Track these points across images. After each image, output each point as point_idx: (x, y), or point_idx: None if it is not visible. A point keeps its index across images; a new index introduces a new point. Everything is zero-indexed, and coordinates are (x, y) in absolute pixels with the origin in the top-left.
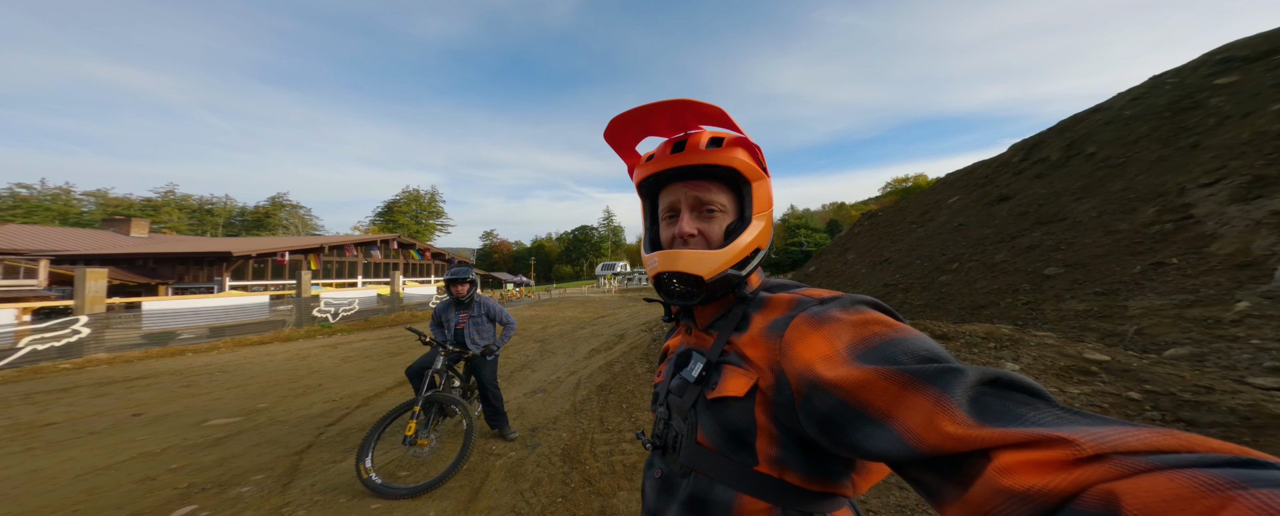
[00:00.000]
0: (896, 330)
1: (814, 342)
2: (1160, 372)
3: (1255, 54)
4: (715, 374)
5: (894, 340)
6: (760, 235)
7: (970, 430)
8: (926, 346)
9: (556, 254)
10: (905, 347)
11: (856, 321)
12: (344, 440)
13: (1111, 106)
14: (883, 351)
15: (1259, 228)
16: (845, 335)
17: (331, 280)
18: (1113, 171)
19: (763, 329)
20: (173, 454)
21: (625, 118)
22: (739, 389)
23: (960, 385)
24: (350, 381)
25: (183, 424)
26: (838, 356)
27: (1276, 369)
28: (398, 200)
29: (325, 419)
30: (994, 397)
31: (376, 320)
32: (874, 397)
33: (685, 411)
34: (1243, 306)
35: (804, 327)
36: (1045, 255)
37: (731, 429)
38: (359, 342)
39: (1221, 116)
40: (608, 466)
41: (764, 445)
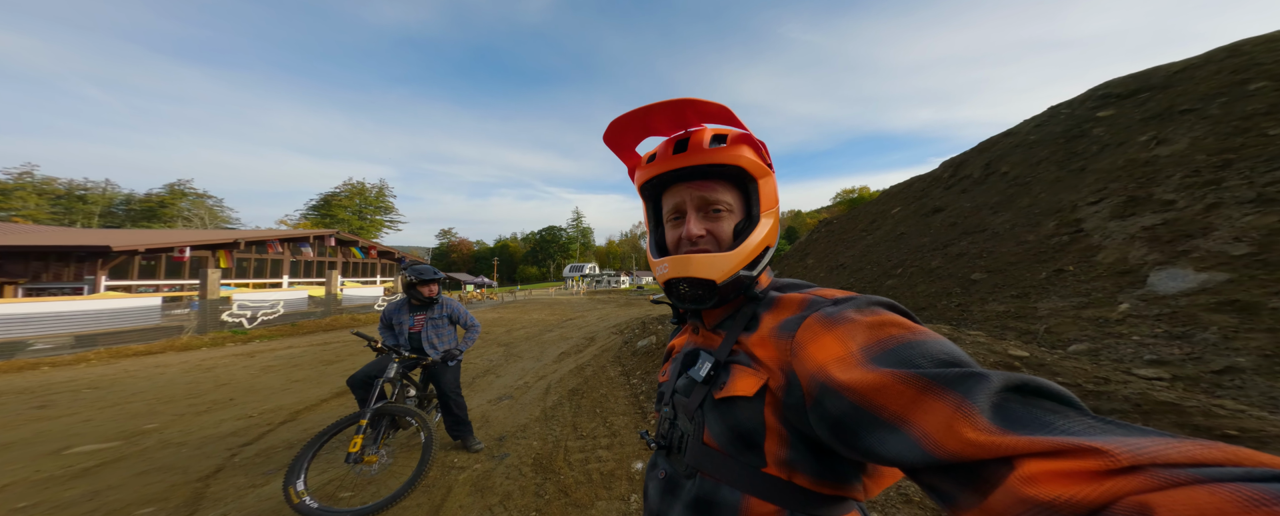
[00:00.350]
0: (913, 332)
1: (827, 343)
2: (1068, 366)
3: (1127, 91)
4: (723, 373)
5: (911, 342)
6: (769, 233)
7: (993, 437)
8: (946, 349)
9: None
10: (923, 350)
11: (872, 322)
12: (265, 461)
13: (1019, 131)
14: (899, 354)
15: (1134, 240)
16: (860, 336)
17: (249, 280)
18: (1021, 189)
19: (773, 329)
20: (18, 490)
21: (625, 119)
22: (748, 389)
23: (983, 390)
24: (272, 394)
25: (34, 453)
26: (851, 358)
27: (1155, 361)
28: (338, 193)
29: (239, 438)
30: (1020, 404)
31: (307, 325)
32: (889, 401)
33: (692, 411)
34: (1124, 308)
35: (816, 328)
36: (971, 262)
37: (739, 429)
38: (284, 350)
39: (1102, 144)
40: (584, 475)
41: (773, 446)
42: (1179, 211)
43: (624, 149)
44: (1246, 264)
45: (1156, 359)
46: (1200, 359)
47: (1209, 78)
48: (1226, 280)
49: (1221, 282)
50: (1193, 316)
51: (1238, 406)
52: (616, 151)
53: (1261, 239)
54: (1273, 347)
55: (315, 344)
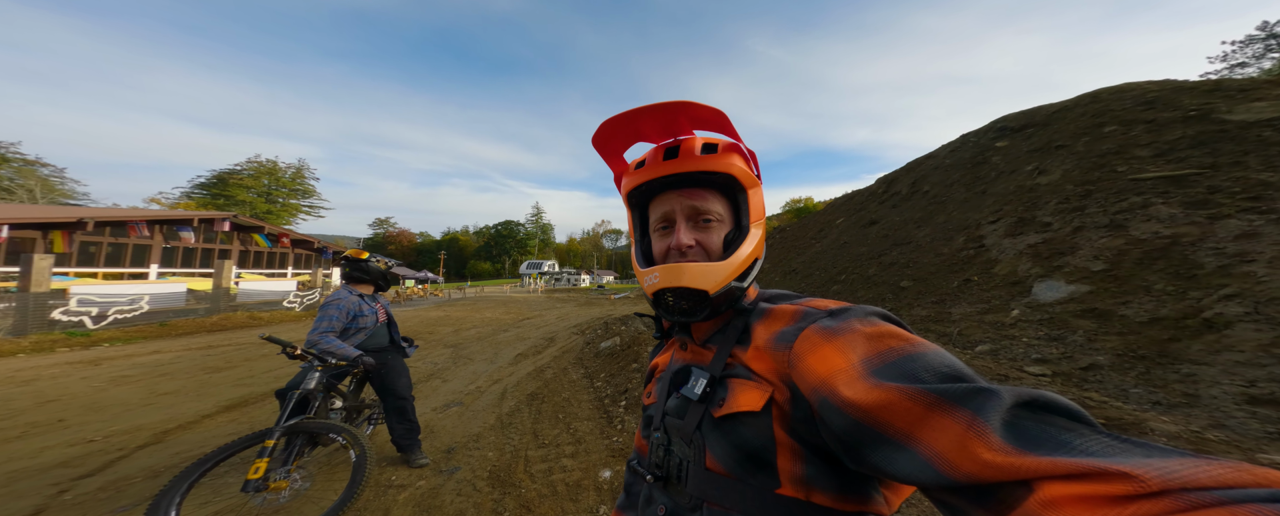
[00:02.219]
0: (914, 344)
1: (826, 355)
2: (978, 365)
3: (1018, 125)
4: (721, 389)
5: (913, 355)
6: (758, 245)
7: (1011, 458)
8: (948, 362)
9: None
10: (926, 363)
11: (871, 333)
12: (115, 495)
13: (937, 155)
14: (901, 367)
15: (1021, 256)
16: (860, 348)
17: (99, 268)
18: (938, 207)
19: (768, 340)
20: None
21: (616, 121)
22: (753, 403)
23: (995, 407)
24: (125, 411)
25: None
26: (853, 371)
27: (1039, 360)
28: (238, 171)
29: (73, 469)
30: (1032, 421)
31: (183, 325)
32: (895, 418)
33: (689, 434)
34: (1016, 313)
35: (815, 339)
36: (900, 271)
37: (747, 448)
38: (146, 356)
39: (999, 171)
40: (548, 487)
41: (787, 463)
42: (1054, 232)
43: (612, 154)
44: (1102, 278)
45: (1041, 357)
46: (1071, 357)
47: (1076, 119)
48: (1088, 291)
49: (1085, 293)
50: (1065, 321)
51: (1102, 398)
52: (604, 156)
53: (1113, 257)
54: (1123, 348)
55: (196, 348)
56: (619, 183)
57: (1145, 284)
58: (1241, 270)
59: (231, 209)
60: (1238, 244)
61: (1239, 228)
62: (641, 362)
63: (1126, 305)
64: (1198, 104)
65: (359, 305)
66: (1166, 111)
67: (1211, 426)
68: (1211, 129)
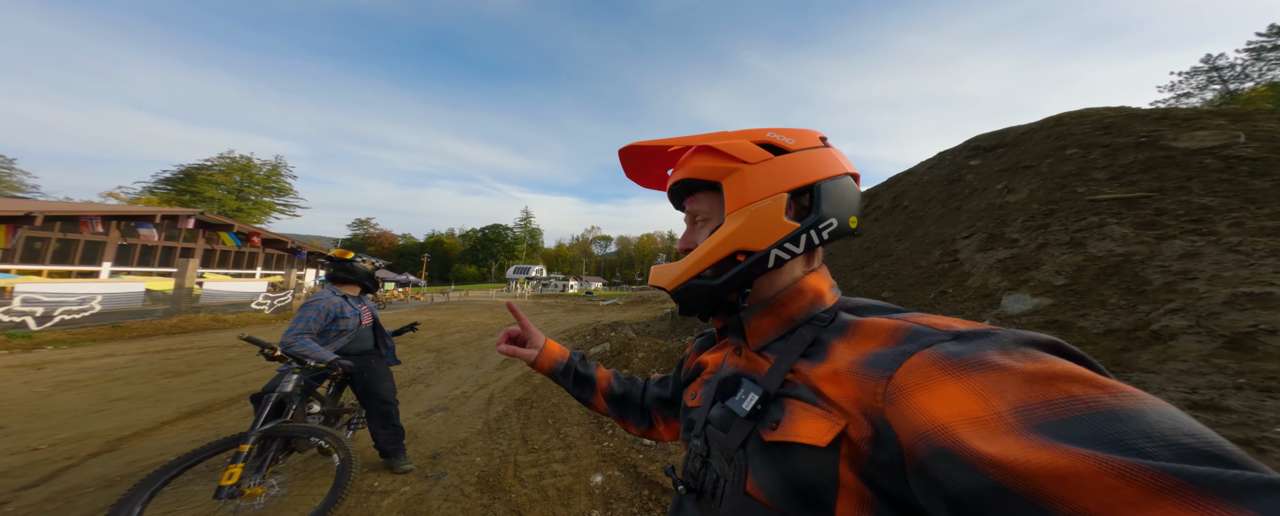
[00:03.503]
0: (1115, 394)
1: (951, 395)
2: None
3: (989, 145)
4: (776, 410)
5: (1117, 412)
6: (742, 232)
7: None
8: (1189, 430)
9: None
10: (1145, 427)
11: (1033, 373)
12: (64, 507)
13: (917, 171)
14: (1094, 427)
15: (991, 270)
16: (1011, 392)
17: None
18: (917, 221)
19: (854, 362)
20: None
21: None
22: (818, 436)
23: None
24: (73, 418)
25: None
26: (997, 421)
27: None
28: (208, 167)
29: (16, 479)
30: None
31: (139, 326)
32: (1076, 496)
33: (731, 452)
34: (986, 324)
35: (931, 371)
36: (882, 283)
37: (801, 484)
38: (96, 360)
39: (972, 189)
40: (539, 492)
41: (850, 509)
42: (1021, 248)
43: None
44: (1063, 292)
45: None
46: None
47: (1041, 141)
48: (1051, 304)
49: (1047, 306)
50: None
51: None
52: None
53: (1072, 273)
54: None
55: (154, 351)
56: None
57: (1101, 298)
58: (1185, 287)
59: (198, 206)
60: (1182, 263)
61: (1182, 248)
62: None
63: (1084, 317)
64: (1148, 130)
65: (341, 306)
66: (1121, 137)
67: None
68: (1159, 155)
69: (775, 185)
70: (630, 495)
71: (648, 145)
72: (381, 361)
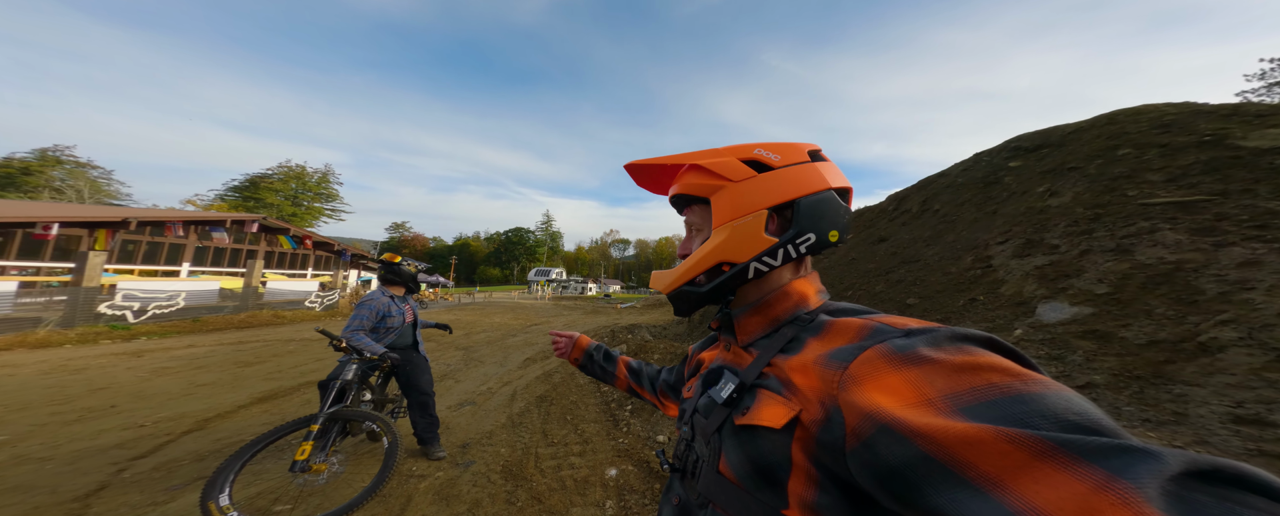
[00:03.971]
0: (1025, 381)
1: (892, 385)
2: None
3: (1032, 145)
4: (748, 397)
5: (1023, 396)
6: (725, 245)
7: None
8: (1078, 409)
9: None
10: (1043, 407)
11: (961, 364)
12: (167, 475)
13: (950, 173)
14: (1003, 408)
15: (1028, 277)
16: (940, 381)
17: (135, 266)
18: (948, 226)
19: (821, 356)
20: None
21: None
22: (775, 419)
23: (1150, 471)
24: (169, 400)
25: None
26: (929, 406)
27: None
28: (269, 175)
29: (127, 450)
30: (1211, 497)
31: (215, 321)
32: (982, 460)
33: (709, 435)
34: (1018, 333)
35: (879, 362)
36: (907, 288)
37: (760, 463)
38: (182, 350)
39: (1011, 192)
40: (557, 482)
41: (798, 487)
42: (1061, 254)
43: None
44: (1105, 301)
45: None
46: (1069, 376)
47: (1091, 140)
48: (1090, 313)
49: (1087, 315)
50: (1066, 341)
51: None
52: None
53: (1117, 281)
54: (1120, 368)
55: (227, 343)
56: None
57: (1146, 308)
58: (1241, 297)
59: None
60: (1239, 271)
61: (1242, 255)
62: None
63: (1126, 327)
64: (1214, 129)
65: (388, 306)
66: (1181, 135)
67: (1195, 442)
68: (1224, 155)
69: (757, 202)
70: (643, 488)
71: (648, 163)
72: (421, 356)
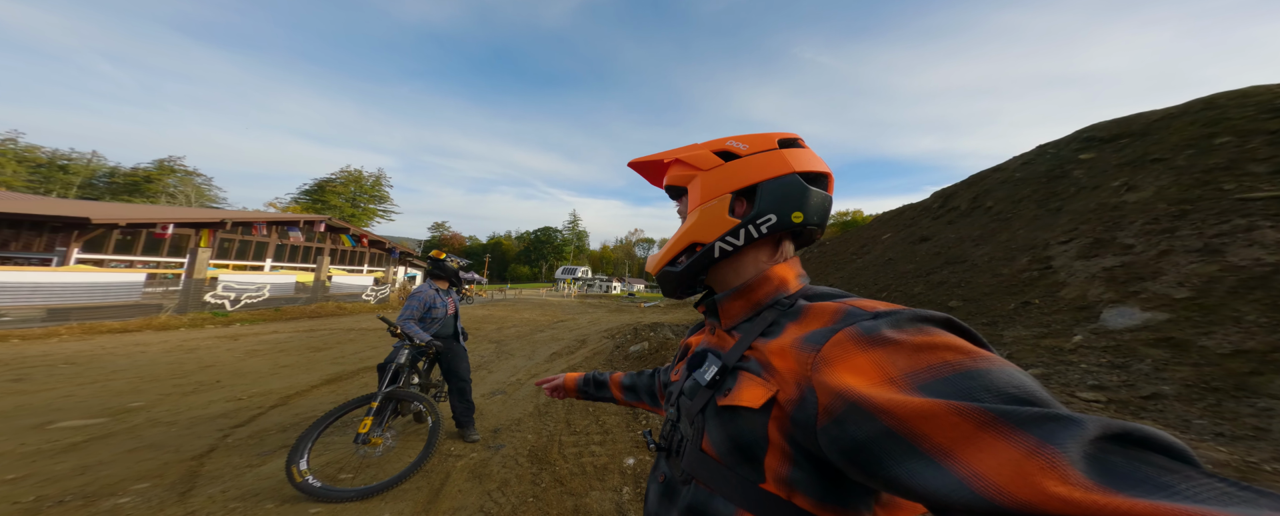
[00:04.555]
0: (974, 358)
1: (860, 365)
2: None
3: (1109, 136)
4: (730, 379)
5: (971, 372)
6: (695, 227)
7: (1093, 495)
8: (1017, 382)
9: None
10: (988, 382)
11: (920, 343)
12: (259, 442)
13: (1007, 168)
14: (955, 384)
15: (1094, 279)
16: (902, 360)
17: (230, 261)
18: (1002, 224)
19: (798, 339)
20: (6, 462)
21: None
22: (754, 400)
23: (1073, 437)
24: (260, 378)
25: (15, 426)
26: (891, 383)
27: (1095, 386)
28: (333, 179)
29: (230, 420)
30: (1121, 457)
31: (292, 310)
32: (934, 432)
33: (693, 415)
34: (1078, 339)
35: (848, 344)
36: (950, 290)
37: (739, 440)
38: (268, 335)
39: (1080, 186)
40: (578, 467)
41: (774, 462)
42: (1136, 255)
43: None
44: (1185, 306)
45: (1097, 384)
46: (1133, 386)
47: (1183, 128)
48: (1166, 319)
49: (1162, 322)
50: (1133, 349)
51: (1155, 427)
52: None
53: (1201, 285)
54: (1194, 379)
55: (301, 330)
56: None
57: (1235, 314)
58: None
59: (325, 212)
60: None
61: None
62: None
63: (1208, 335)
64: None
65: (434, 298)
66: None
67: (1272, 459)
68: None
69: (721, 187)
70: None
71: (645, 161)
72: (460, 346)
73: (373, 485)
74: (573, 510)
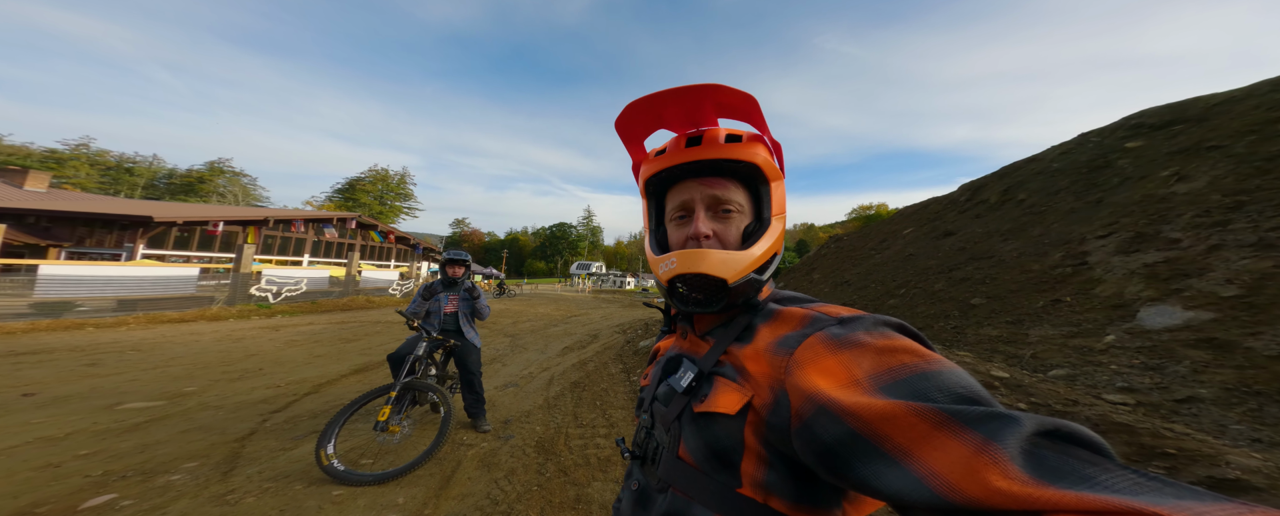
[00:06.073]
0: (928, 361)
1: (829, 367)
2: (1043, 388)
3: (1160, 122)
4: (706, 385)
5: (925, 373)
6: (778, 240)
7: (1028, 488)
8: (964, 383)
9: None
10: (940, 383)
11: (882, 347)
12: (292, 427)
13: (1044, 158)
14: (912, 385)
15: (1132, 276)
16: (866, 363)
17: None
18: (1035, 218)
19: (770, 343)
20: (80, 439)
21: (640, 104)
22: (730, 406)
23: (1013, 434)
24: (296, 366)
25: (89, 406)
26: (857, 386)
27: (1125, 388)
28: (362, 178)
29: (269, 405)
30: (1052, 452)
31: (325, 303)
32: (895, 433)
33: (669, 422)
34: (1110, 339)
35: (819, 348)
36: (973, 287)
37: (716, 446)
38: (305, 326)
39: (1124, 177)
40: (582, 458)
41: (750, 467)
42: (1182, 250)
43: (634, 140)
44: (1232, 305)
45: (1127, 386)
46: (1166, 388)
47: (1246, 113)
48: (1210, 319)
49: (1205, 321)
50: (1170, 350)
51: (1185, 430)
52: (626, 141)
53: (1253, 282)
54: (1236, 382)
55: (334, 322)
56: (637, 171)
57: None
58: None
59: (356, 210)
60: None
61: None
62: None
63: (1257, 336)
64: None
65: (436, 287)
66: None
67: None
68: None
69: (784, 202)
70: None
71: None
72: (469, 342)
73: (389, 470)
74: (575, 499)
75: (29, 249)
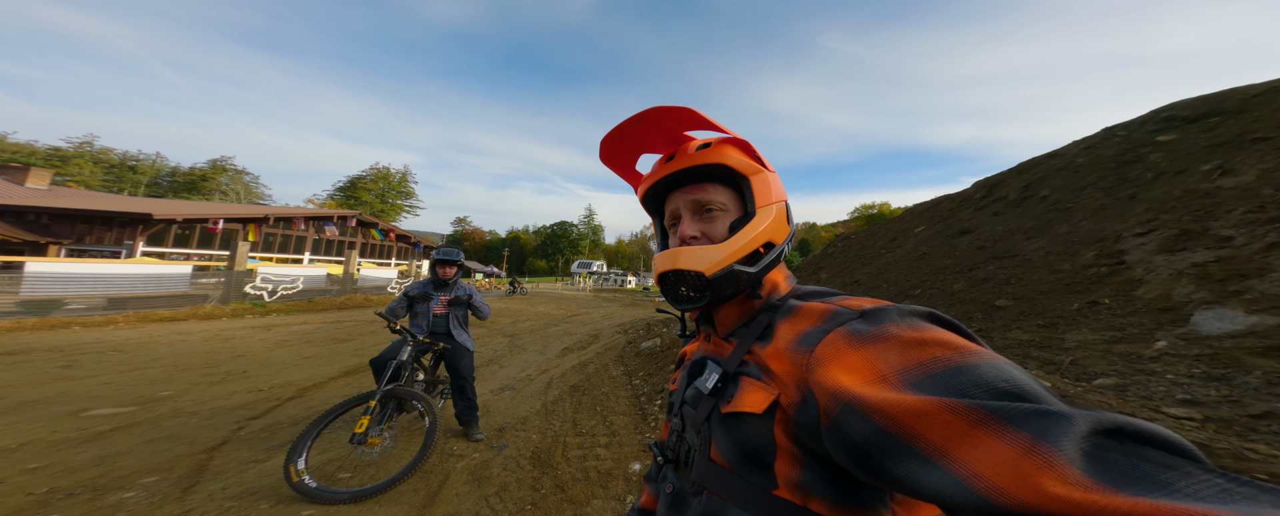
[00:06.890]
0: (963, 353)
1: (852, 364)
2: (1091, 399)
3: (1194, 115)
4: (732, 386)
5: (961, 367)
6: (770, 227)
7: (1092, 495)
8: (1007, 377)
9: (532, 247)
10: (977, 376)
11: (911, 339)
12: (269, 436)
13: (1066, 153)
14: (945, 380)
15: (1180, 277)
16: (893, 357)
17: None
18: (1060, 215)
19: (790, 340)
20: (33, 450)
21: (613, 137)
22: (757, 405)
23: (1067, 433)
24: (283, 368)
25: (53, 413)
26: (884, 382)
27: (1187, 401)
28: (364, 177)
29: (247, 411)
30: (1119, 454)
31: (322, 302)
32: (929, 431)
33: (699, 425)
34: (1161, 345)
35: (841, 344)
36: (997, 288)
37: (747, 447)
38: (298, 326)
39: (1159, 172)
40: (581, 472)
41: (784, 468)
42: (1236, 249)
43: (624, 168)
44: None
45: (1190, 399)
46: (1238, 402)
47: None
48: (1275, 324)
49: (1270, 326)
50: (1237, 359)
51: (1272, 451)
52: (617, 171)
53: None
54: None
55: (329, 322)
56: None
57: None
58: None
59: (357, 208)
60: None
61: None
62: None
63: None
64: None
65: (421, 292)
66: None
67: None
68: None
69: (779, 194)
70: None
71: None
72: (461, 345)
73: (367, 487)
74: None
75: (29, 246)
